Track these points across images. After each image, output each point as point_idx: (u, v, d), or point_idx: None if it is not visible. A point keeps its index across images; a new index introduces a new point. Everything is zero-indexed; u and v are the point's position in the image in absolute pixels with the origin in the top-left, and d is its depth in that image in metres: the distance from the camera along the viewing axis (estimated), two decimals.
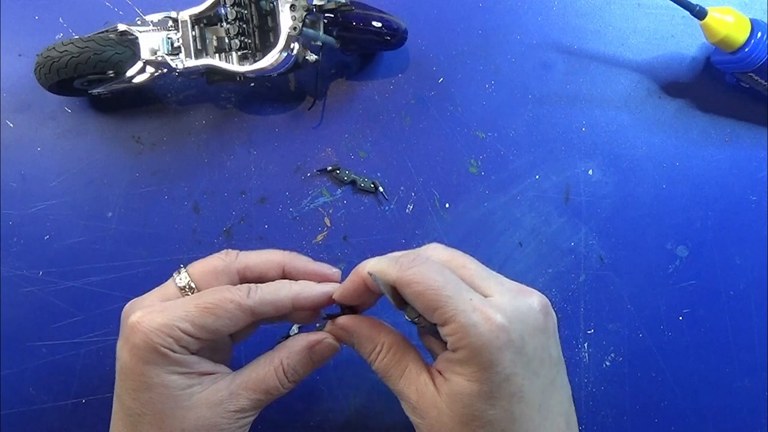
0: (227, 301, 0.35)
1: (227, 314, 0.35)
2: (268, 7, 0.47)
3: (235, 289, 0.36)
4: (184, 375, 0.35)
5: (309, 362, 0.38)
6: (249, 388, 0.36)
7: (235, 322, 0.36)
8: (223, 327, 0.35)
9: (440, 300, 0.33)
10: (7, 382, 0.49)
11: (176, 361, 0.35)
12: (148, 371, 0.34)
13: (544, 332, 0.34)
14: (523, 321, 0.33)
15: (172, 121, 0.52)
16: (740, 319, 0.51)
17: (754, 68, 0.47)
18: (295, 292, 0.37)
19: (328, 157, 0.52)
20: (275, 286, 0.37)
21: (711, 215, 0.52)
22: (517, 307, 0.34)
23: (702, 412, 0.51)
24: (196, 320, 0.35)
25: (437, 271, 0.34)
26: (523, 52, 0.53)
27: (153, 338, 0.34)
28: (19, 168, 0.51)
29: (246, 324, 0.36)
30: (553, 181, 0.52)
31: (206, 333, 0.35)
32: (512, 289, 0.35)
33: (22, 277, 0.50)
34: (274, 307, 0.37)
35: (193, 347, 0.35)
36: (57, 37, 0.52)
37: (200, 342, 0.35)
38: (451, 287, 0.33)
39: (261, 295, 0.36)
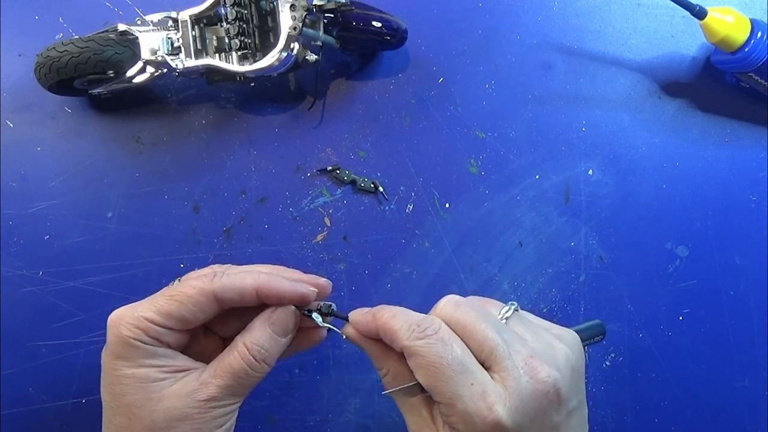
0: (189, 287, 0.35)
1: (190, 300, 0.35)
2: (268, 7, 0.47)
3: (200, 275, 0.36)
4: (157, 368, 0.35)
5: (272, 336, 0.37)
6: (217, 375, 0.35)
7: (201, 308, 0.35)
8: (188, 313, 0.35)
9: (441, 379, 0.32)
10: (7, 382, 0.49)
11: (147, 352, 0.35)
12: (119, 365, 0.35)
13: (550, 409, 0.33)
14: (524, 410, 0.32)
15: (172, 121, 0.52)
16: (740, 319, 0.52)
17: (754, 68, 0.47)
18: (261, 282, 0.36)
19: (328, 157, 0.52)
20: (242, 274, 0.36)
21: (711, 215, 0.52)
22: (521, 394, 0.32)
23: (702, 412, 0.51)
24: (161, 309, 0.35)
25: (445, 346, 0.33)
26: (523, 52, 0.53)
27: (122, 331, 0.34)
28: (19, 168, 0.51)
29: (214, 311, 0.36)
30: (553, 181, 0.52)
31: (173, 321, 0.35)
32: (521, 365, 0.33)
33: (22, 277, 0.50)
34: (238, 294, 0.36)
35: (165, 338, 0.35)
36: (57, 37, 0.52)
37: (172, 332, 0.35)
38: (456, 365, 0.32)
39: (225, 281, 0.35)
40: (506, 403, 0.32)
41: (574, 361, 0.36)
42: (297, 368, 0.50)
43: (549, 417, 0.33)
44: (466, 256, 0.51)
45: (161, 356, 0.35)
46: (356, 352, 0.50)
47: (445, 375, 0.32)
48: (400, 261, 0.51)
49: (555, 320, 0.51)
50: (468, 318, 0.34)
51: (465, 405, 0.32)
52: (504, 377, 0.33)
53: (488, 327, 0.34)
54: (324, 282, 0.39)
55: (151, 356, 0.35)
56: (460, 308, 0.35)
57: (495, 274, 0.51)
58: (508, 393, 0.32)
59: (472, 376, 0.32)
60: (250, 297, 0.36)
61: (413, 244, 0.51)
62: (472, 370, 0.33)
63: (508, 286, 0.51)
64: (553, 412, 0.34)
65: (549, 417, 0.33)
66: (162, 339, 0.35)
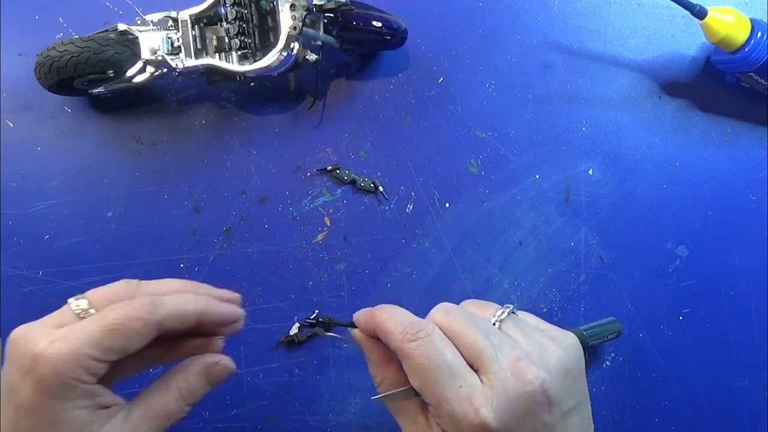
0: (134, 319, 0.33)
1: (134, 333, 0.32)
2: (268, 6, 0.47)
3: (138, 303, 0.33)
4: (88, 409, 0.32)
5: (205, 384, 0.36)
6: (149, 417, 0.34)
7: (143, 338, 0.33)
8: (130, 345, 0.33)
9: (430, 381, 0.33)
10: None
11: (84, 392, 0.32)
12: (55, 406, 0.31)
13: (539, 410, 0.34)
14: (511, 412, 0.33)
15: (172, 121, 0.52)
16: (740, 319, 0.51)
17: (754, 68, 0.47)
18: (202, 308, 0.35)
19: (328, 157, 0.52)
20: (181, 300, 0.35)
21: (711, 215, 0.52)
22: (507, 395, 0.33)
23: (702, 412, 0.51)
24: (104, 343, 0.32)
25: (436, 349, 0.34)
26: (523, 52, 0.53)
27: (62, 369, 0.31)
28: (19, 168, 0.51)
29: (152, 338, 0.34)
30: (553, 181, 0.52)
31: (114, 354, 0.32)
32: (508, 367, 0.34)
33: (22, 277, 0.50)
34: (180, 321, 0.34)
35: (101, 372, 0.32)
36: (57, 36, 0.52)
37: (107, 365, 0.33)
38: (445, 368, 0.33)
39: (167, 309, 0.34)
40: (492, 404, 0.33)
41: (568, 363, 0.36)
42: (297, 368, 0.50)
43: (539, 418, 0.34)
44: (466, 256, 0.51)
45: (93, 394, 0.32)
46: (356, 353, 0.50)
47: (435, 377, 0.33)
48: (400, 261, 0.51)
49: (555, 320, 0.51)
50: (457, 323, 0.35)
51: (452, 407, 0.32)
52: (491, 379, 0.33)
53: (477, 331, 0.35)
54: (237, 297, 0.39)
55: (86, 396, 0.32)
56: (450, 314, 0.36)
57: (495, 274, 0.51)
58: (494, 395, 0.33)
59: (461, 379, 0.33)
60: (188, 324, 0.35)
61: (413, 244, 0.51)
62: (461, 373, 0.33)
63: (508, 286, 0.51)
64: (543, 413, 0.34)
65: (539, 418, 0.34)
66: (99, 374, 0.32)
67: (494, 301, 0.51)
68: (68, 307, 0.35)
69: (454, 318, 0.36)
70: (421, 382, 0.33)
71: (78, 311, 0.34)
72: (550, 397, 0.34)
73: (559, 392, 0.35)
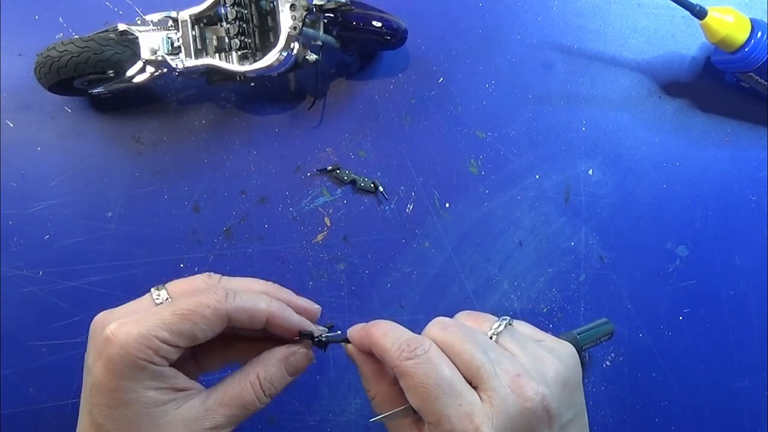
0: (204, 306, 0.34)
1: (203, 320, 0.34)
2: (268, 6, 0.47)
3: (212, 293, 0.35)
4: (161, 390, 0.34)
5: (284, 374, 0.37)
6: (225, 404, 0.35)
7: (212, 327, 0.34)
8: (200, 333, 0.34)
9: (429, 399, 0.32)
10: (7, 382, 0.49)
11: (155, 374, 0.33)
12: (125, 386, 0.32)
13: (539, 425, 0.34)
14: (512, 429, 0.33)
15: (172, 121, 0.52)
16: (740, 319, 0.51)
17: (754, 68, 0.47)
18: (274, 310, 0.36)
19: (328, 157, 0.52)
20: (255, 297, 0.36)
21: (711, 215, 0.52)
22: (508, 412, 0.33)
23: (702, 412, 0.51)
24: (173, 327, 0.33)
25: (434, 366, 0.33)
26: (523, 52, 0.53)
27: (131, 350, 0.32)
28: (19, 168, 0.51)
29: (222, 329, 0.35)
30: (553, 181, 0.52)
31: (184, 340, 0.34)
32: (507, 383, 0.34)
33: (22, 277, 0.50)
34: (250, 317, 0.35)
35: (172, 356, 0.34)
36: (57, 36, 0.52)
37: (179, 350, 0.34)
38: (444, 386, 0.33)
39: (239, 303, 0.35)
40: (493, 422, 0.32)
41: (566, 374, 0.36)
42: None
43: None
44: (466, 256, 0.51)
45: (167, 377, 0.34)
46: None
47: (434, 395, 0.32)
48: (400, 261, 0.51)
49: (555, 320, 0.51)
50: (455, 339, 0.35)
51: (452, 425, 0.32)
52: (491, 396, 0.33)
53: (474, 347, 0.34)
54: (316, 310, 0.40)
55: (157, 377, 0.33)
56: (447, 329, 0.36)
57: (495, 274, 0.51)
58: (495, 412, 0.33)
59: (460, 397, 0.33)
60: (259, 323, 0.36)
61: (413, 244, 0.51)
62: (460, 391, 0.33)
63: (508, 286, 0.51)
64: (544, 428, 0.34)
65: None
66: (170, 357, 0.34)
67: (494, 301, 0.51)
68: (149, 296, 0.37)
69: (450, 333, 0.35)
70: (419, 401, 0.33)
71: (158, 300, 0.36)
72: (550, 411, 0.34)
73: (558, 406, 0.34)
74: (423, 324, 0.37)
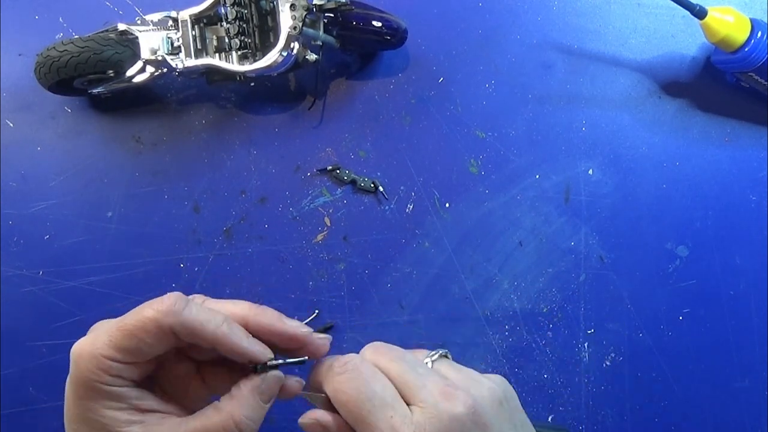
0: (147, 320, 0.32)
1: (147, 334, 0.32)
2: (268, 6, 0.47)
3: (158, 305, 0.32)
4: (122, 411, 0.32)
5: (260, 405, 0.34)
6: None
7: (159, 341, 0.32)
8: (146, 348, 0.32)
9: (361, 414, 0.32)
10: (7, 382, 0.49)
11: (111, 394, 0.32)
12: (83, 405, 0.32)
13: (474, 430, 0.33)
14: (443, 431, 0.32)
15: (172, 121, 0.52)
16: (740, 319, 0.51)
17: (754, 68, 0.47)
18: (222, 334, 0.33)
19: (328, 157, 0.52)
20: (205, 317, 0.33)
21: (711, 215, 0.52)
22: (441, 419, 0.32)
23: (702, 412, 0.51)
24: (118, 344, 0.32)
25: (364, 381, 0.33)
26: (523, 52, 0.53)
27: (83, 371, 0.31)
28: (19, 168, 0.51)
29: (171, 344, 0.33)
30: (553, 181, 0.52)
31: (131, 356, 0.32)
32: (437, 393, 0.33)
33: (22, 277, 0.50)
34: (195, 337, 0.33)
35: (126, 374, 0.32)
36: (57, 36, 0.52)
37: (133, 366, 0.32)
38: (376, 400, 0.32)
39: (182, 319, 0.32)
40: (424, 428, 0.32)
41: (501, 394, 0.35)
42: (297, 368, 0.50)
43: None
44: (466, 256, 0.51)
45: (126, 397, 0.32)
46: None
47: (366, 409, 0.32)
48: (400, 261, 0.51)
49: (555, 320, 0.51)
50: (384, 358, 0.35)
51: None
52: (422, 407, 0.33)
53: (403, 364, 0.35)
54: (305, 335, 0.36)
55: (114, 398, 0.32)
56: (378, 350, 0.36)
57: (495, 274, 0.51)
58: (426, 420, 0.32)
59: (391, 409, 0.33)
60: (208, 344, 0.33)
61: (413, 244, 0.51)
62: (392, 404, 0.33)
63: (508, 286, 0.51)
64: None
65: None
66: (123, 375, 0.32)
67: (494, 301, 0.51)
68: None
69: (381, 354, 0.36)
70: (352, 416, 0.33)
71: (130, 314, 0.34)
72: (484, 421, 0.33)
73: (495, 419, 0.34)
74: (423, 324, 0.37)
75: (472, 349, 0.51)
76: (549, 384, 0.51)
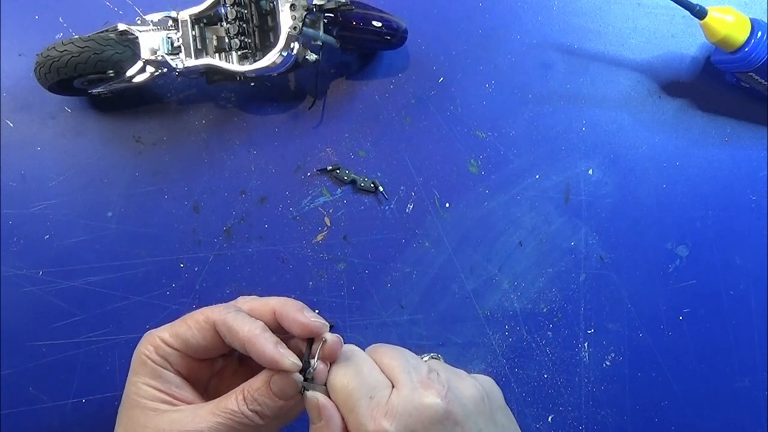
0: (199, 312, 0.37)
1: (196, 324, 0.37)
2: (268, 6, 0.47)
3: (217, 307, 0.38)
4: (159, 390, 0.36)
5: (269, 393, 0.36)
6: (211, 412, 0.36)
7: (203, 335, 0.37)
8: (192, 338, 0.37)
9: (346, 394, 0.35)
10: (7, 382, 0.49)
11: (154, 371, 0.37)
12: (131, 380, 0.37)
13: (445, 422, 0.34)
14: (412, 423, 0.34)
15: (172, 121, 0.52)
16: (740, 319, 0.51)
17: (755, 68, 0.47)
18: (251, 336, 0.36)
19: (328, 157, 0.52)
20: (245, 320, 0.36)
21: (711, 215, 0.52)
22: (412, 405, 0.34)
23: (702, 412, 0.51)
24: (173, 329, 0.37)
25: (354, 365, 0.36)
26: (523, 52, 0.53)
27: (140, 348, 0.37)
28: (19, 168, 0.51)
29: (216, 342, 0.37)
30: (553, 181, 0.52)
31: (179, 342, 0.37)
32: (417, 380, 0.35)
33: (22, 277, 0.50)
34: (230, 336, 0.36)
35: (172, 359, 0.37)
36: (57, 36, 0.52)
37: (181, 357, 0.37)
38: (362, 382, 0.35)
39: (225, 317, 0.36)
40: (395, 415, 0.33)
41: (483, 393, 0.37)
42: None
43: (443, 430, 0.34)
44: (466, 256, 0.51)
45: (166, 380, 0.37)
46: None
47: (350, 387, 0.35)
48: (400, 261, 0.51)
49: (555, 320, 0.51)
50: (380, 349, 0.38)
51: (358, 417, 0.34)
52: (399, 389, 0.35)
53: (395, 353, 0.37)
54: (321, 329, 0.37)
55: (157, 377, 0.37)
56: (377, 348, 0.38)
57: (495, 274, 0.51)
58: (401, 404, 0.34)
59: (372, 390, 0.35)
60: (239, 346, 0.36)
61: (413, 243, 0.51)
62: (374, 386, 0.35)
63: (508, 286, 0.51)
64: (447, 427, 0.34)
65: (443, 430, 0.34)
66: (169, 360, 0.37)
67: (494, 301, 0.51)
68: None
69: (378, 348, 0.38)
70: (340, 399, 0.35)
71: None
72: (458, 415, 0.34)
73: (471, 415, 0.35)
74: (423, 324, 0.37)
75: (472, 349, 0.51)
76: (549, 384, 0.51)
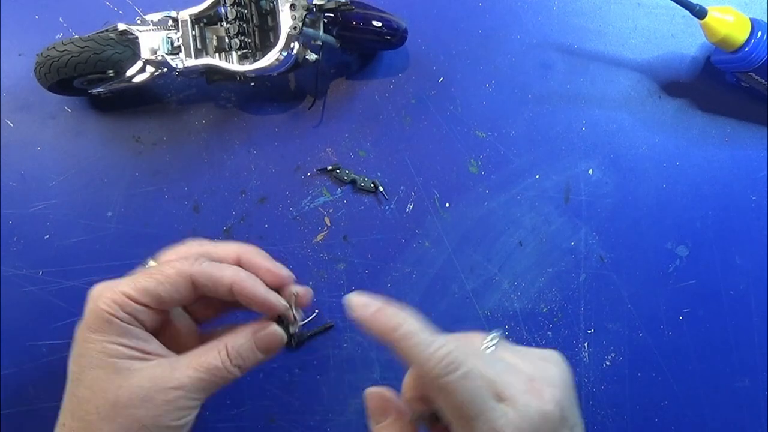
0: (169, 266, 0.36)
1: (168, 279, 0.35)
2: (268, 6, 0.47)
3: (180, 256, 0.37)
4: (127, 347, 0.35)
5: (253, 348, 0.37)
6: (191, 366, 0.35)
7: (177, 288, 0.36)
8: (165, 293, 0.35)
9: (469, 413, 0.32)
10: (7, 382, 0.49)
11: (121, 329, 0.35)
12: (91, 338, 0.35)
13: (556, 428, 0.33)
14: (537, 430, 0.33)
15: (172, 121, 0.52)
16: (740, 319, 0.51)
17: (754, 68, 0.47)
18: (239, 279, 0.36)
19: (328, 157, 0.52)
20: (222, 266, 0.37)
21: (711, 215, 0.52)
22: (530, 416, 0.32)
23: (702, 412, 0.51)
24: (138, 285, 0.35)
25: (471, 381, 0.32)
26: (523, 52, 0.53)
27: (99, 305, 0.35)
28: (19, 168, 0.51)
29: (189, 294, 0.36)
30: (553, 180, 0.52)
31: (149, 298, 0.35)
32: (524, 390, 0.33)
33: (22, 277, 0.50)
34: (213, 284, 0.36)
35: (140, 316, 0.35)
36: (57, 36, 0.52)
37: (149, 312, 0.36)
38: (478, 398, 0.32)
39: (204, 268, 0.36)
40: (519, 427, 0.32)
41: (566, 378, 0.36)
42: (297, 368, 0.50)
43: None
44: (466, 256, 0.51)
45: (134, 336, 0.35)
46: (356, 353, 0.50)
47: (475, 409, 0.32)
48: (400, 261, 0.51)
49: (555, 320, 0.51)
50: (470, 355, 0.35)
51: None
52: (513, 404, 0.32)
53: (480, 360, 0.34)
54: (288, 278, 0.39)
55: (124, 334, 0.35)
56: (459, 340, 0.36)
57: (495, 274, 0.51)
58: (519, 416, 0.32)
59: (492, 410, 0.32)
60: (223, 292, 0.36)
61: (413, 243, 0.51)
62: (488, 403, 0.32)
63: (508, 286, 0.51)
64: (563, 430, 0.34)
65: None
66: (138, 317, 0.35)
67: (494, 301, 0.51)
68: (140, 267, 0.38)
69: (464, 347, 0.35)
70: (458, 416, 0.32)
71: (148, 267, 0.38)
72: (564, 414, 0.34)
73: (569, 408, 0.35)
74: None
75: None
76: None
